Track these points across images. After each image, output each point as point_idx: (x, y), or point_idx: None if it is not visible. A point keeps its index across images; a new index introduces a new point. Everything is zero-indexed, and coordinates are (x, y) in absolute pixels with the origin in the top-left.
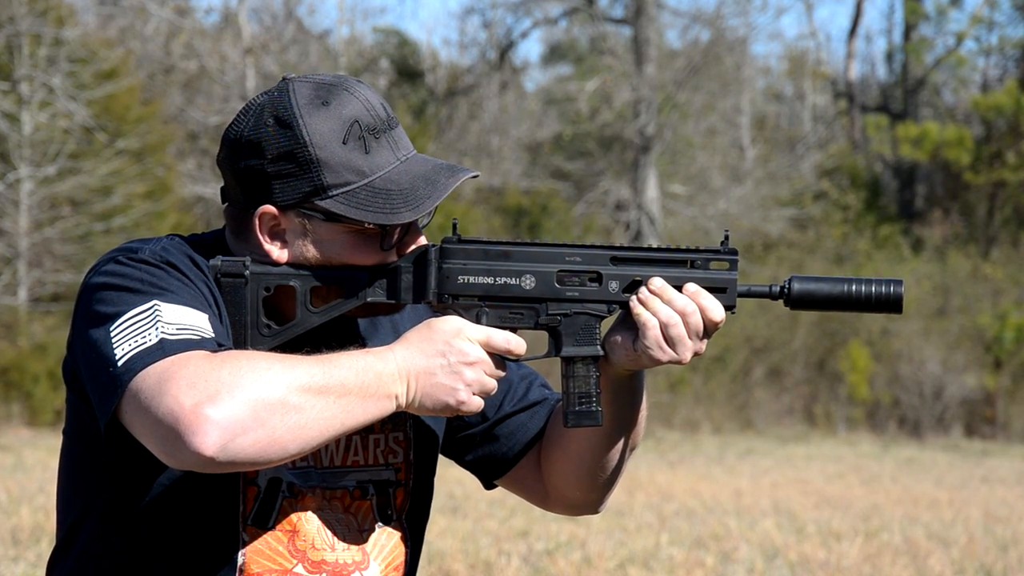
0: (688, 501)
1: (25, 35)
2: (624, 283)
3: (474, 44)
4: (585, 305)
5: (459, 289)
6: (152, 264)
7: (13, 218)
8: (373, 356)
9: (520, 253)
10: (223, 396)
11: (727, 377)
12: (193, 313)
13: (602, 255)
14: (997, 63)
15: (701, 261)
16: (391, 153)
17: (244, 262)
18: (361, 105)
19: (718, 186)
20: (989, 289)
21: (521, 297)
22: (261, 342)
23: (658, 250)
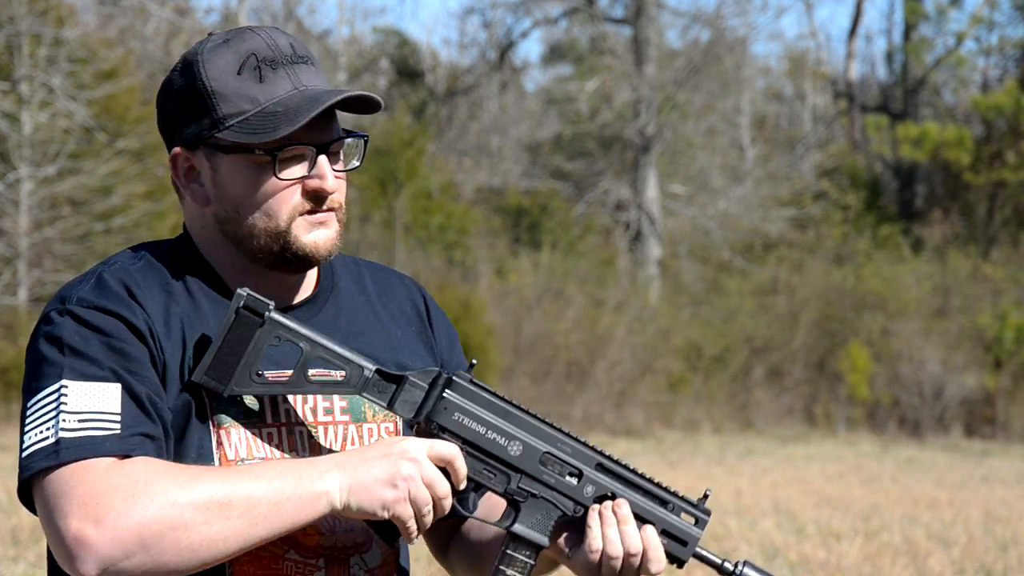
0: None
1: (25, 35)
2: (599, 491)
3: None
4: (556, 495)
5: (451, 424)
6: (76, 319)
7: (13, 218)
8: (303, 461)
9: (520, 419)
10: (109, 522)
11: (727, 377)
12: (103, 391)
13: (591, 457)
14: (997, 63)
15: (675, 506)
16: (288, 82)
17: (270, 306)
18: (262, 41)
19: (718, 186)
20: (989, 289)
21: (502, 459)
22: (247, 384)
23: (643, 477)
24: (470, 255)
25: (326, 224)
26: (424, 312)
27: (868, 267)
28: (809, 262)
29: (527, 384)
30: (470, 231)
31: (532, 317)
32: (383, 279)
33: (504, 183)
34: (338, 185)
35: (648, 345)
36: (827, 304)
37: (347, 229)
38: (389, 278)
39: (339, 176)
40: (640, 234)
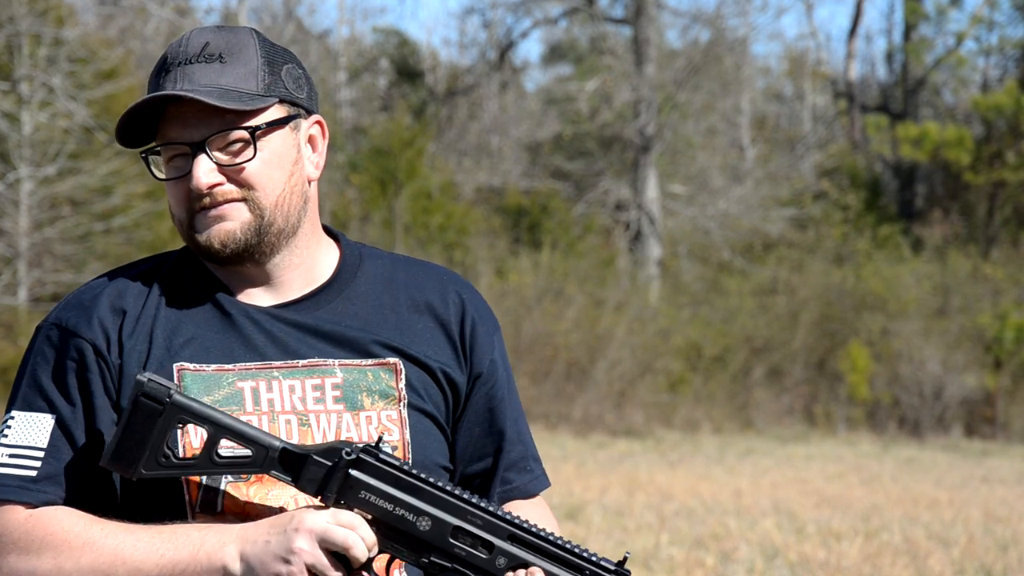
0: (688, 501)
1: (25, 35)
2: (512, 563)
3: (474, 44)
4: (468, 567)
5: (358, 502)
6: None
7: (13, 218)
8: (209, 530)
9: (428, 494)
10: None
11: (727, 377)
12: (37, 424)
13: (503, 528)
14: (997, 63)
15: (591, 573)
16: (171, 84)
17: (170, 391)
18: (179, 41)
19: (718, 186)
20: (989, 289)
21: (412, 535)
22: (155, 468)
23: (557, 546)
24: (470, 255)
25: (224, 217)
26: (460, 307)
27: (868, 267)
28: (809, 262)
29: (527, 384)
30: (470, 231)
31: (532, 317)
32: (416, 272)
33: (504, 183)
34: (208, 180)
35: (648, 345)
36: (827, 304)
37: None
38: (424, 271)
39: (230, 170)
40: (640, 234)
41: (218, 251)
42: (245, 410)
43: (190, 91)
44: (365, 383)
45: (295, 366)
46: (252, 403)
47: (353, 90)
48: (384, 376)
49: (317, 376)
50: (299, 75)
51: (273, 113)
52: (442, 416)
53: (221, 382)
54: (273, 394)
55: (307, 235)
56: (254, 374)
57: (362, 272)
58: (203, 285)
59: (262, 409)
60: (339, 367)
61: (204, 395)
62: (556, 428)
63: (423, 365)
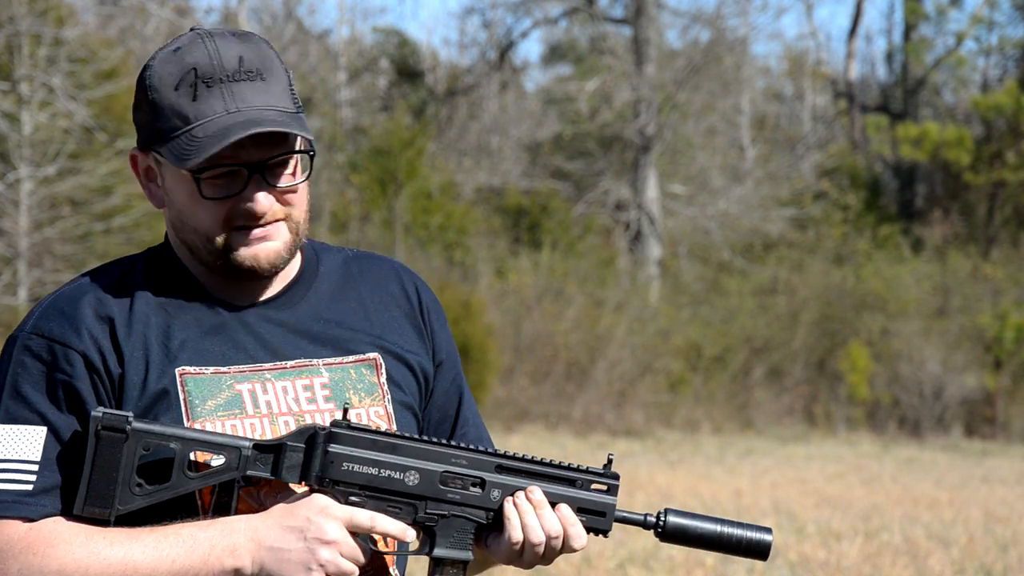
0: (688, 501)
1: (25, 35)
2: (506, 492)
3: (474, 44)
4: (464, 509)
5: (342, 476)
6: (24, 349)
7: (13, 218)
8: (216, 529)
9: (408, 448)
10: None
11: (727, 377)
12: (27, 436)
13: (488, 462)
14: (997, 63)
15: (583, 482)
16: (221, 103)
17: (128, 418)
18: (205, 53)
19: (718, 186)
20: (989, 289)
21: (402, 492)
22: (131, 500)
23: (544, 464)
24: (470, 255)
25: (268, 237)
26: (416, 296)
27: (868, 267)
28: (809, 262)
29: (527, 384)
30: (470, 231)
31: (532, 317)
32: (371, 265)
33: (504, 183)
34: (269, 203)
35: (648, 345)
36: (827, 304)
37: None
38: (378, 263)
39: (278, 191)
40: (640, 234)
41: (264, 270)
42: (247, 413)
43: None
44: (350, 381)
45: (284, 367)
46: (252, 406)
47: (353, 90)
48: (366, 372)
49: (305, 376)
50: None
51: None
52: (417, 406)
53: (221, 385)
54: (269, 396)
55: None
56: (248, 376)
57: (322, 267)
58: (185, 287)
59: (262, 411)
60: (324, 367)
61: (207, 399)
62: (556, 428)
63: (400, 358)
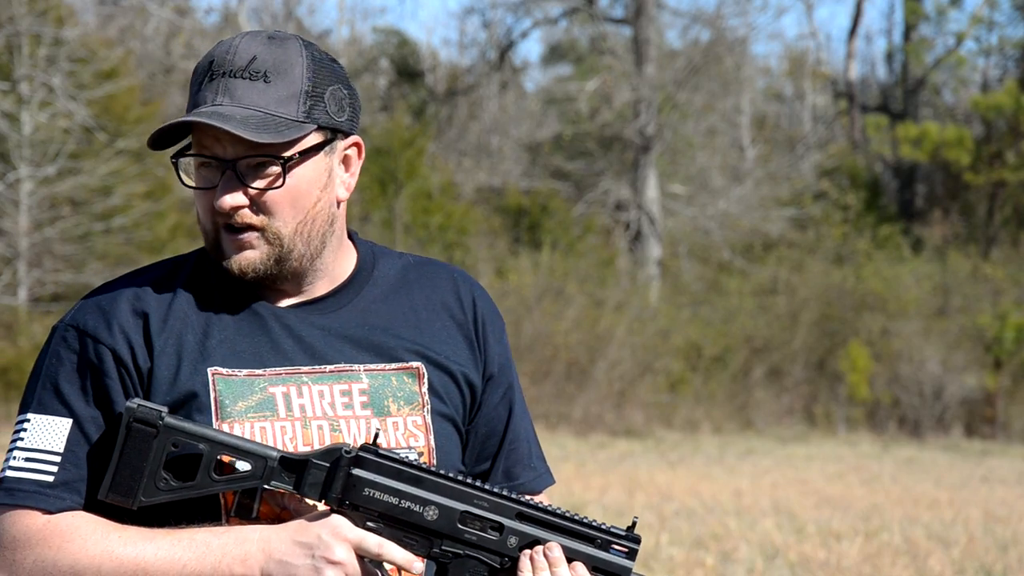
0: (688, 501)
1: (25, 35)
2: (523, 541)
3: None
4: (480, 551)
5: (362, 501)
6: (60, 342)
7: (13, 218)
8: (229, 536)
9: (432, 483)
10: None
11: (727, 377)
12: (54, 427)
13: (510, 508)
14: (997, 63)
15: (603, 541)
16: (213, 95)
17: (161, 413)
18: (225, 48)
19: (718, 186)
20: (989, 289)
21: (420, 526)
22: (155, 494)
23: (565, 518)
24: (470, 255)
25: (245, 246)
26: (472, 307)
27: (868, 267)
28: (809, 262)
29: (527, 384)
30: (470, 231)
31: (532, 317)
32: (429, 272)
33: (504, 183)
34: (234, 201)
35: (648, 345)
36: (827, 304)
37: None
38: (437, 271)
39: (253, 195)
40: (640, 234)
41: (239, 277)
42: (278, 416)
43: (226, 115)
44: (390, 388)
45: (323, 371)
46: (285, 409)
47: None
48: (408, 381)
49: (344, 381)
50: (343, 96)
51: (309, 140)
52: (460, 419)
53: (253, 387)
54: (304, 400)
55: (333, 250)
56: (284, 379)
57: (377, 271)
58: (229, 287)
59: (295, 415)
60: (364, 372)
61: (238, 400)
62: (556, 428)
63: (444, 368)
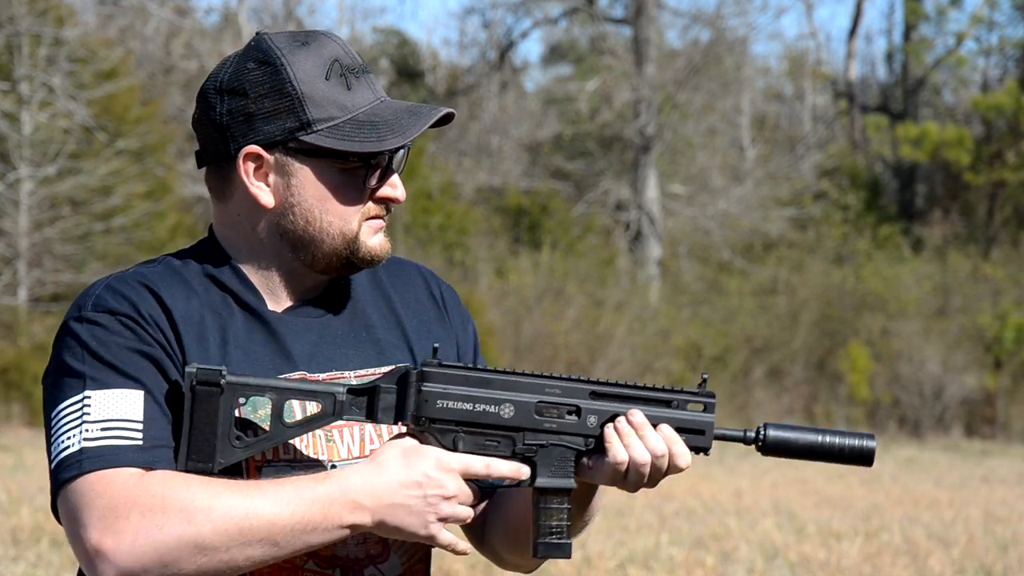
0: (688, 501)
1: (25, 35)
2: (603, 418)
3: (474, 44)
4: (562, 437)
5: (437, 413)
6: (93, 323)
7: (13, 218)
8: (332, 483)
9: (500, 381)
10: (127, 537)
11: (727, 377)
12: (124, 398)
13: (582, 389)
14: (997, 63)
15: (679, 402)
16: (371, 92)
17: (221, 371)
18: (339, 47)
19: (718, 186)
20: (989, 289)
21: (499, 425)
22: (232, 453)
23: (638, 388)
24: (470, 255)
25: (383, 230)
26: (440, 299)
27: (868, 267)
28: (809, 262)
29: None
30: (470, 231)
31: (532, 317)
32: (397, 270)
33: (504, 183)
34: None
35: (648, 345)
36: (827, 304)
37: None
38: (404, 268)
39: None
40: (640, 234)
41: (380, 261)
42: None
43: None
44: None
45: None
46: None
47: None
48: None
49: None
50: None
51: None
52: None
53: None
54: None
55: None
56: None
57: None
58: (238, 289)
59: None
60: (355, 379)
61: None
62: None
63: None
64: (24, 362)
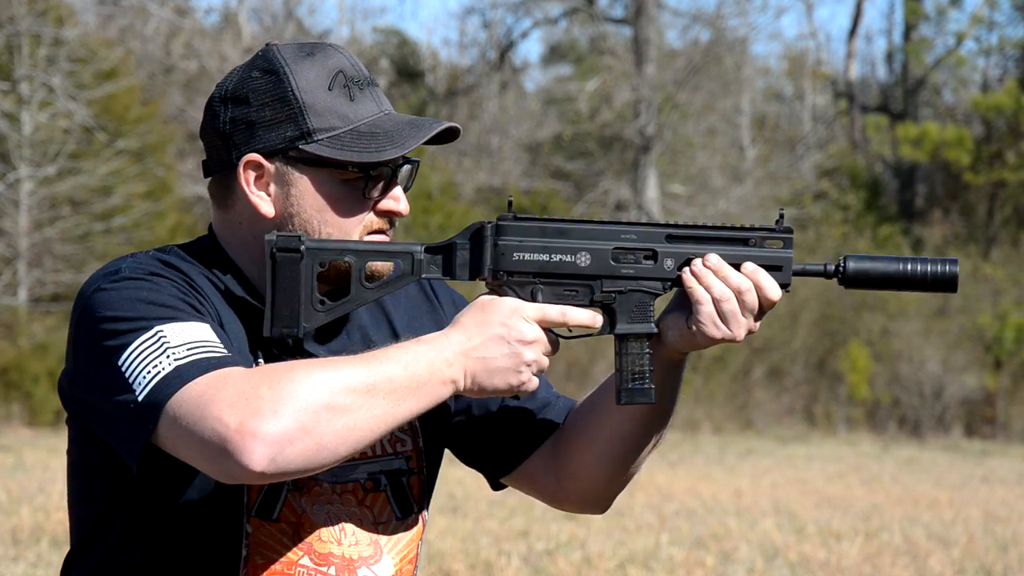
0: (688, 501)
1: (25, 35)
2: (679, 261)
3: (474, 44)
4: (640, 283)
5: (514, 266)
6: (137, 279)
7: (13, 218)
8: (426, 344)
9: (576, 231)
10: (266, 411)
11: (727, 377)
12: (196, 327)
13: (657, 233)
14: (997, 63)
15: (756, 240)
16: (375, 104)
17: (300, 236)
18: (345, 58)
19: (718, 186)
20: (989, 289)
21: (576, 274)
22: (315, 317)
23: (714, 228)
24: None
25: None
26: (432, 293)
27: None
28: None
29: None
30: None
31: None
32: None
33: (504, 183)
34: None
35: None
36: (827, 304)
37: None
38: None
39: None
40: None
41: (381, 276)
42: None
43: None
44: None
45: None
46: None
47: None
48: None
49: None
50: None
51: None
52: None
53: None
54: None
55: None
56: None
57: None
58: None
59: None
60: None
61: None
62: None
63: None
64: (24, 362)
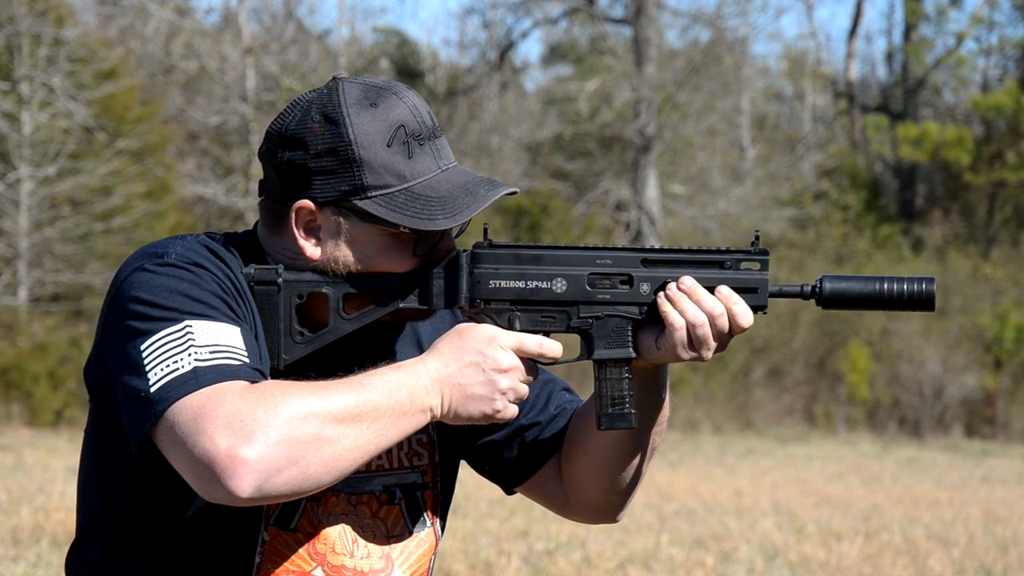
0: (688, 501)
1: (25, 35)
2: (655, 285)
3: (474, 44)
4: (616, 307)
5: (491, 294)
6: (181, 268)
7: (13, 218)
8: (405, 371)
9: (551, 257)
10: (258, 437)
11: (727, 377)
12: (226, 330)
13: (632, 257)
14: (997, 63)
15: (732, 262)
16: (433, 161)
17: (277, 270)
18: (408, 110)
19: (718, 186)
20: (989, 289)
21: (553, 300)
22: (295, 349)
23: (689, 251)
24: None
25: None
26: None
27: (868, 267)
28: (809, 262)
29: None
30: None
31: None
32: None
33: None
34: None
35: None
36: None
37: None
38: None
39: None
40: (640, 234)
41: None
42: None
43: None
44: None
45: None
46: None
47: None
48: None
49: None
50: None
51: None
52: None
53: None
54: None
55: None
56: None
57: None
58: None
59: None
60: None
61: None
62: None
63: None
64: (24, 362)
